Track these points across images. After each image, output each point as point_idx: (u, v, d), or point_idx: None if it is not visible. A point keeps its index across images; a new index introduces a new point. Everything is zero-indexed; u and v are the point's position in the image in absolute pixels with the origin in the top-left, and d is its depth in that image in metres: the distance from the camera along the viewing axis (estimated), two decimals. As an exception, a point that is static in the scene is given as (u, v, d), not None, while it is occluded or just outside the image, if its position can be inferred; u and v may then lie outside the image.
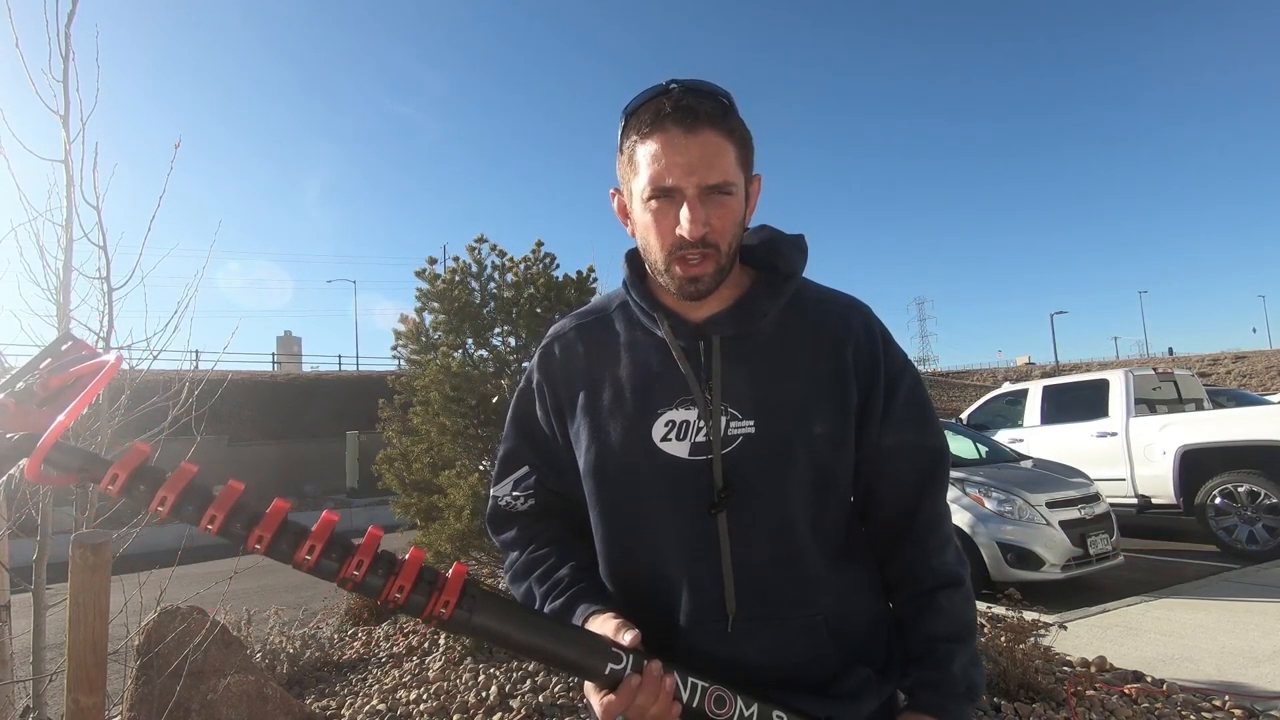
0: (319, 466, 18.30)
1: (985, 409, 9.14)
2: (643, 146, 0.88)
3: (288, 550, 0.74)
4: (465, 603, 0.76)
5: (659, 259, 0.90)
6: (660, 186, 0.86)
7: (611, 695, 0.78)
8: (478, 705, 3.45)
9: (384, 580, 0.75)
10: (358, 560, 0.74)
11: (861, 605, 0.95)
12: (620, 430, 0.93)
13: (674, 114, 0.85)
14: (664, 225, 0.87)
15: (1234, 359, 37.14)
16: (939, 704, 0.89)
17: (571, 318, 1.06)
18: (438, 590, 0.76)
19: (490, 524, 1.06)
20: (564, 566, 0.95)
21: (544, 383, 1.02)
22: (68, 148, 2.21)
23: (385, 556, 0.76)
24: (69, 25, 2.18)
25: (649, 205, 0.88)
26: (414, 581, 0.75)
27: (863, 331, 0.97)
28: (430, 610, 0.75)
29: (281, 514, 0.75)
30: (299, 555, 0.73)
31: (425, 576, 0.76)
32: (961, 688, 0.91)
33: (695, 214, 0.84)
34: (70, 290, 2.28)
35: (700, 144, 0.85)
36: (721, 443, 0.89)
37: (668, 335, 0.94)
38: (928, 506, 0.96)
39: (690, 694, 0.79)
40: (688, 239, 0.85)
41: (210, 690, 2.99)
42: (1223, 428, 6.77)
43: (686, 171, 0.85)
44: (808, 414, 0.91)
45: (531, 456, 1.03)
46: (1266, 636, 4.06)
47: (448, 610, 0.75)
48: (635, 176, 0.89)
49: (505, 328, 4.91)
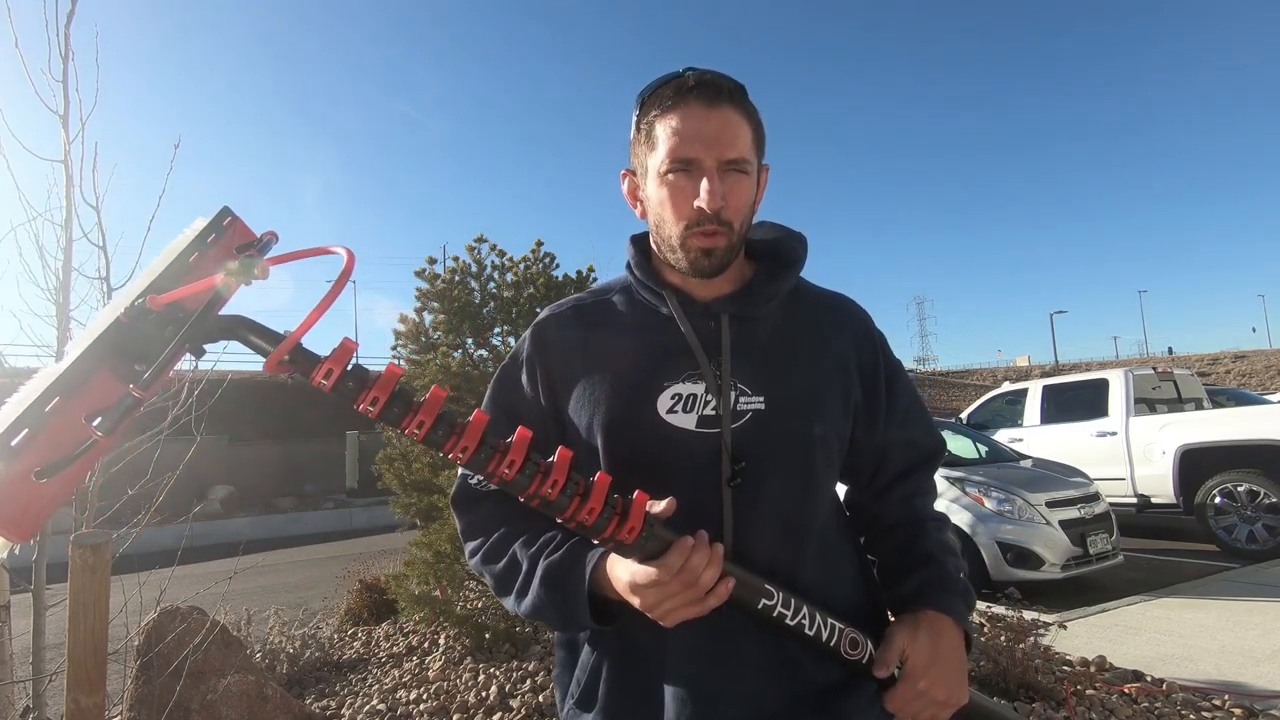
0: (319, 466, 18.29)
1: (985, 409, 9.15)
2: (663, 121, 0.88)
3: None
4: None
5: (673, 233, 0.89)
6: (681, 158, 0.87)
7: (651, 565, 0.76)
8: (478, 705, 3.45)
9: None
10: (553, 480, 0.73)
11: (857, 590, 0.98)
12: (624, 402, 0.91)
13: (697, 89, 0.87)
14: (681, 198, 0.88)
15: (1234, 358, 37.18)
16: (944, 600, 0.93)
17: (569, 299, 1.05)
18: (619, 515, 0.74)
19: (455, 506, 1.01)
20: (549, 531, 0.92)
21: (536, 356, 0.99)
22: (67, 148, 2.21)
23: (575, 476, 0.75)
24: (69, 25, 2.19)
25: (666, 179, 0.88)
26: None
27: (862, 330, 1.01)
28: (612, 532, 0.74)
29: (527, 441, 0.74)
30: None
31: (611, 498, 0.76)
32: (959, 587, 0.95)
33: (714, 186, 0.85)
34: (70, 290, 2.28)
35: (721, 119, 0.87)
36: (731, 417, 0.89)
37: (676, 312, 0.93)
38: (916, 476, 1.04)
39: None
40: (706, 210, 0.86)
41: (210, 690, 2.99)
42: (1222, 427, 6.77)
43: (707, 145, 0.86)
44: (816, 401, 0.93)
45: (510, 433, 1.00)
46: (1266, 636, 4.06)
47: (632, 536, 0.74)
48: (653, 152, 0.90)
49: (505, 328, 4.91)
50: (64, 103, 2.21)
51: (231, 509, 15.51)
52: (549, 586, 0.86)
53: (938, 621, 0.91)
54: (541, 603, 0.87)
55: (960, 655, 0.92)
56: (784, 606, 0.82)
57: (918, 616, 0.92)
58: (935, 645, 0.89)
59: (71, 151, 2.22)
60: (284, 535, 13.46)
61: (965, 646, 0.94)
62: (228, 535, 11.61)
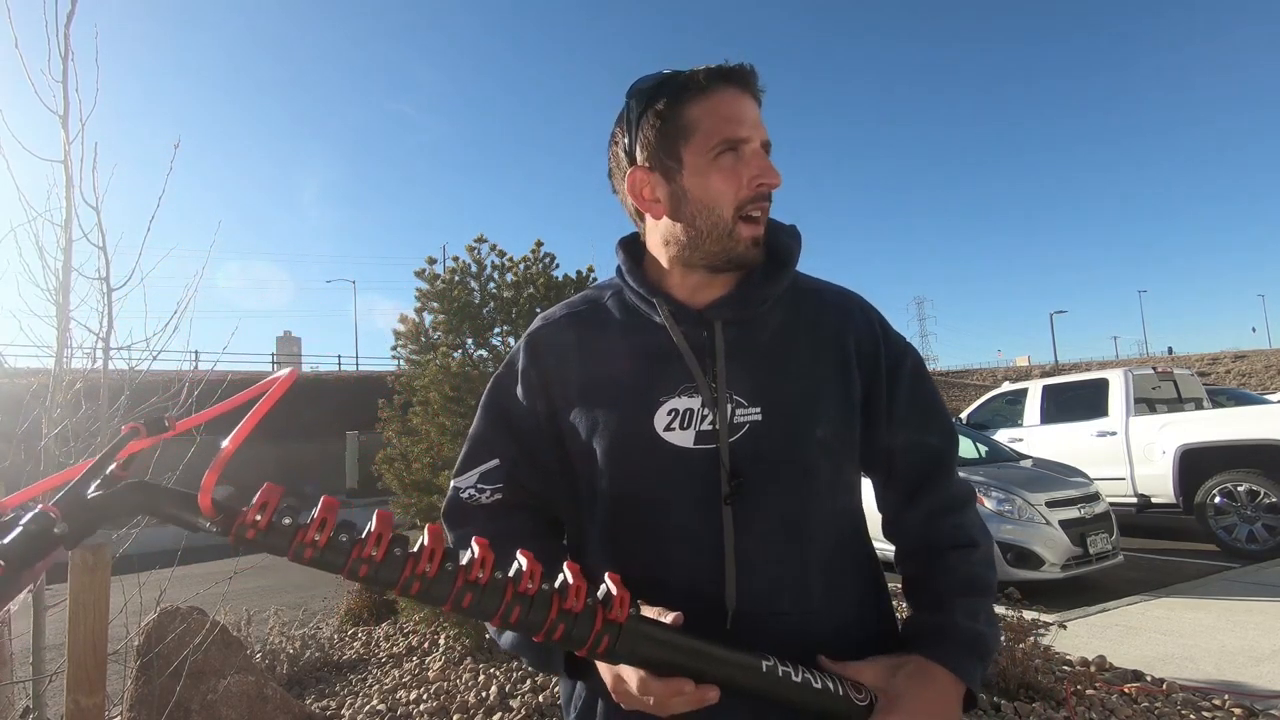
0: (319, 466, 18.28)
1: (985, 408, 9.14)
2: (699, 106, 0.87)
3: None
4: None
5: (726, 217, 0.87)
6: (733, 138, 0.85)
7: (635, 678, 0.75)
8: (478, 705, 3.45)
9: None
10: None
11: (861, 603, 0.93)
12: (620, 420, 0.89)
13: (730, 74, 0.87)
14: (734, 179, 0.86)
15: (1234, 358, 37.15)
16: (939, 648, 0.83)
17: (561, 306, 1.02)
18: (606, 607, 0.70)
19: (446, 518, 0.98)
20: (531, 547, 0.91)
21: (531, 368, 0.96)
22: (67, 148, 2.21)
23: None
24: (68, 25, 2.18)
25: (716, 163, 0.86)
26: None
27: (862, 320, 0.96)
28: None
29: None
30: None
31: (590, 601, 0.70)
32: (965, 635, 0.84)
33: (770, 164, 0.87)
34: (70, 291, 2.28)
35: (752, 105, 0.88)
36: (728, 430, 0.86)
37: (668, 321, 0.90)
38: (941, 482, 0.95)
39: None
40: (771, 186, 0.87)
41: (210, 690, 2.99)
42: (1222, 427, 6.77)
43: (753, 125, 0.87)
44: (815, 404, 0.89)
45: (505, 446, 0.96)
46: (1266, 635, 4.06)
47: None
48: (689, 138, 0.87)
49: (505, 328, 4.91)
50: (64, 103, 2.21)
51: (231, 509, 15.49)
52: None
53: (926, 669, 0.81)
54: (518, 643, 0.86)
55: (950, 712, 0.80)
56: (784, 665, 0.77)
57: (906, 659, 0.83)
58: (915, 694, 0.79)
59: (71, 152, 2.22)
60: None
61: (965, 701, 0.83)
62: (228, 535, 11.58)
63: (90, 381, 2.36)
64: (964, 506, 0.95)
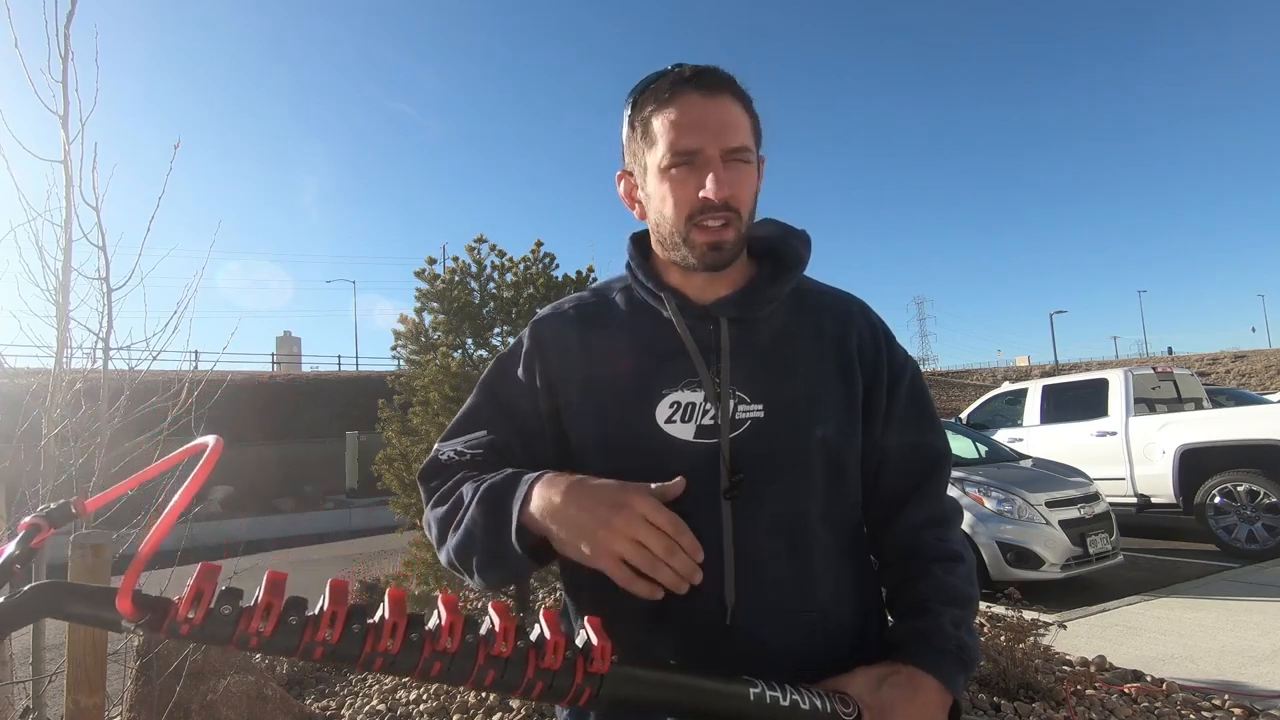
0: (318, 467, 18.28)
1: (985, 408, 9.15)
2: (660, 115, 0.86)
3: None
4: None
5: (677, 228, 0.87)
6: (682, 150, 0.84)
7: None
8: (478, 705, 3.45)
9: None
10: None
11: (859, 603, 0.93)
12: (622, 411, 0.89)
13: (694, 79, 0.86)
14: (685, 191, 0.85)
15: (1233, 358, 37.15)
16: (926, 656, 0.83)
17: (571, 298, 1.03)
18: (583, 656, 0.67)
19: (421, 477, 0.95)
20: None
21: (536, 351, 0.96)
22: (67, 148, 2.21)
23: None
24: (68, 25, 2.19)
25: (668, 174, 0.86)
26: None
27: (865, 325, 0.98)
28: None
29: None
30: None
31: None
32: (951, 645, 0.84)
33: (720, 174, 0.83)
34: (69, 291, 2.28)
35: (720, 108, 0.85)
36: (730, 426, 0.86)
37: (674, 315, 0.91)
38: (930, 496, 0.95)
39: None
40: (713, 200, 0.83)
41: (210, 690, 2.99)
42: (1222, 427, 6.77)
43: (710, 134, 0.84)
44: (817, 404, 0.90)
45: (497, 421, 0.95)
46: (1266, 635, 4.06)
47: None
48: (651, 148, 0.87)
49: (505, 328, 4.91)
50: (64, 103, 2.21)
51: (231, 509, 15.50)
52: (483, 504, 0.82)
53: (914, 679, 0.81)
54: (474, 527, 0.82)
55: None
56: (772, 690, 0.74)
57: (892, 669, 0.82)
58: (903, 706, 0.79)
59: (71, 152, 2.22)
60: (284, 535, 13.47)
61: (950, 712, 0.83)
62: (227, 535, 11.60)
63: (90, 381, 2.36)
64: (951, 522, 0.96)
